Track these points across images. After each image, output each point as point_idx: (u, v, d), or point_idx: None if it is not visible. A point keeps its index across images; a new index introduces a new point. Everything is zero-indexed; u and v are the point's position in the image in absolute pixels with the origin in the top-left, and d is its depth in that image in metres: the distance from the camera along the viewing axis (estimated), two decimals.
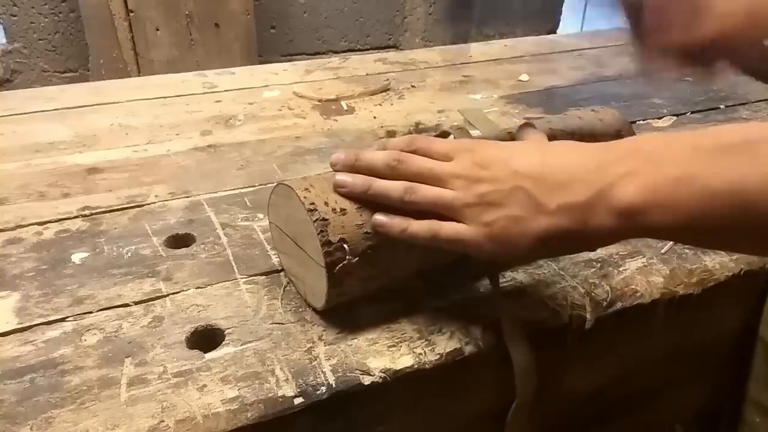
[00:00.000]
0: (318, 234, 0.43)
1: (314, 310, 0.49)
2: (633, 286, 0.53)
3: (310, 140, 0.79)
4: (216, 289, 0.51)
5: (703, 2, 0.51)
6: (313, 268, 0.46)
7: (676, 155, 0.36)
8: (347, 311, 0.49)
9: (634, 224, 0.37)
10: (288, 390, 0.42)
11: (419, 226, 0.44)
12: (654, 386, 0.64)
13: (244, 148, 0.77)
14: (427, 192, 0.43)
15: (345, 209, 0.45)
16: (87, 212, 0.62)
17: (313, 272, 0.46)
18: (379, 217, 0.45)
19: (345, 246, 0.44)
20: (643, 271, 0.55)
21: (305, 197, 0.45)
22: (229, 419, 0.40)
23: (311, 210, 0.44)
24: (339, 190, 0.46)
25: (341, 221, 0.44)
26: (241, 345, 0.45)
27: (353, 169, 0.46)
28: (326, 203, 0.45)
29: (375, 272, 0.47)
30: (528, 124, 0.51)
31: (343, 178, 0.45)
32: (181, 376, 0.42)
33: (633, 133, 0.58)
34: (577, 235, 0.39)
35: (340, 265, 0.44)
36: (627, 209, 0.36)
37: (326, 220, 0.44)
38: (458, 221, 0.42)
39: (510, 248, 0.41)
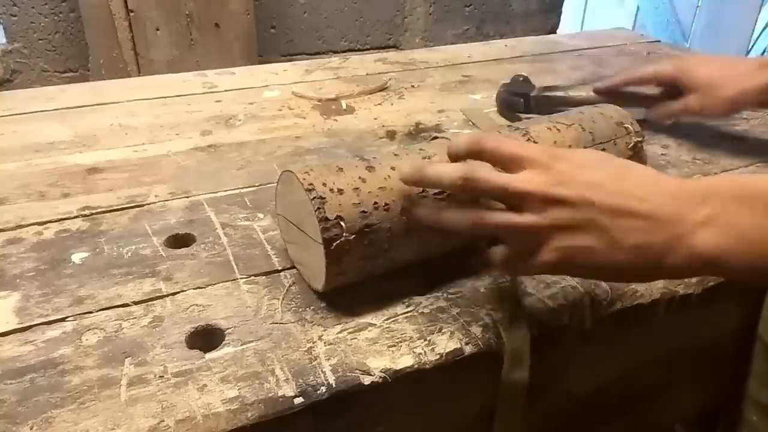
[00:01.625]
0: (315, 211, 0.45)
1: (317, 294, 0.50)
2: (633, 286, 0.53)
3: (310, 140, 0.79)
4: (216, 289, 0.51)
5: (713, 87, 0.70)
6: (313, 249, 0.47)
7: (750, 203, 0.37)
8: (347, 311, 0.49)
9: (708, 267, 0.39)
10: (288, 390, 0.42)
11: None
12: (654, 386, 0.64)
13: (244, 148, 0.77)
14: (497, 220, 0.41)
15: (342, 189, 0.46)
16: (87, 212, 0.62)
17: (314, 253, 0.47)
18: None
19: (342, 223, 0.45)
20: None
21: (304, 178, 0.47)
22: (229, 419, 0.40)
23: (309, 189, 0.46)
24: (408, 218, 0.47)
25: (338, 200, 0.46)
26: (241, 345, 0.45)
27: (421, 184, 0.46)
28: (324, 184, 0.46)
29: (373, 251, 0.48)
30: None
31: (415, 211, 0.46)
32: (181, 376, 0.42)
33: (636, 125, 0.59)
34: (649, 272, 0.40)
35: (338, 242, 0.45)
36: (705, 256, 0.38)
37: (323, 198, 0.46)
38: None
39: (577, 273, 0.43)
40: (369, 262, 0.48)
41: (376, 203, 0.47)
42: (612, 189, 0.39)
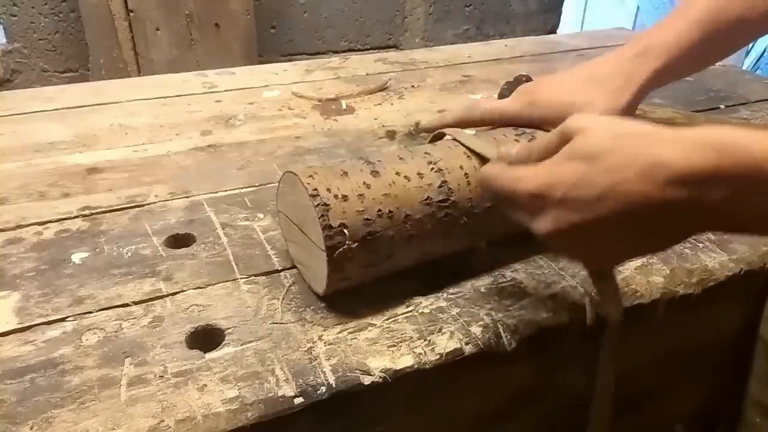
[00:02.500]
0: (319, 218, 0.45)
1: (317, 296, 0.50)
2: (633, 286, 0.53)
3: (310, 140, 0.79)
4: (216, 289, 0.51)
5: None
6: (315, 253, 0.47)
7: (758, 187, 0.36)
8: (347, 311, 0.49)
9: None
10: (288, 390, 0.42)
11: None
12: (654, 386, 0.64)
13: (244, 148, 0.77)
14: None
15: (347, 196, 0.46)
16: (87, 212, 0.62)
17: (316, 257, 0.47)
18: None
19: (345, 231, 0.45)
20: (643, 271, 0.55)
21: (308, 183, 0.46)
22: (229, 419, 0.40)
23: (313, 195, 0.45)
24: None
25: (342, 207, 0.45)
26: (241, 345, 0.45)
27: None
28: (329, 189, 0.46)
29: (375, 258, 0.48)
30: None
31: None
32: (181, 376, 0.42)
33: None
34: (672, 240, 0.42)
35: (341, 249, 0.45)
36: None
37: (327, 205, 0.45)
38: None
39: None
40: (371, 269, 0.48)
41: (380, 210, 0.47)
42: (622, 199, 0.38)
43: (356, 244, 0.46)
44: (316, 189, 0.46)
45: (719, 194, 0.36)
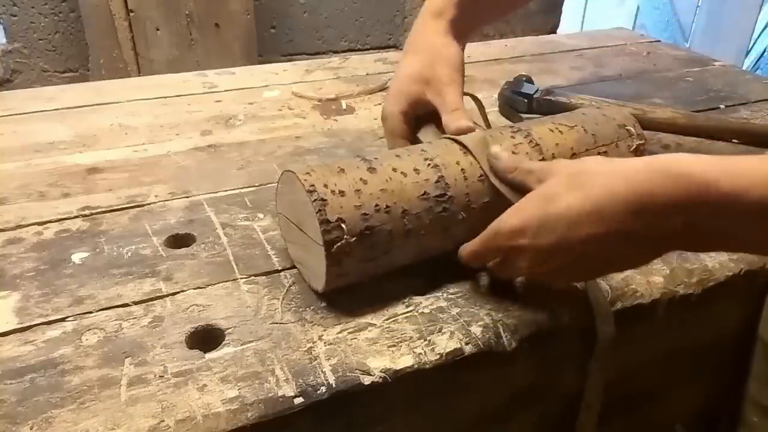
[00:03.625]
0: (317, 213, 0.45)
1: (318, 295, 0.50)
2: (633, 286, 0.53)
3: (310, 140, 0.79)
4: (216, 289, 0.51)
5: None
6: (314, 250, 0.47)
7: (716, 211, 0.39)
8: (347, 311, 0.49)
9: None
10: (288, 390, 0.42)
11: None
12: (654, 386, 0.64)
13: (244, 148, 0.77)
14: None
15: (344, 191, 0.46)
16: (87, 212, 0.62)
17: (315, 254, 0.47)
18: None
19: (343, 225, 0.45)
20: (643, 271, 0.55)
21: (305, 180, 0.46)
22: (229, 419, 0.40)
23: (311, 191, 0.46)
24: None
25: (339, 202, 0.46)
26: (241, 345, 0.45)
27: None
28: (326, 185, 0.46)
29: (373, 253, 0.48)
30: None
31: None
32: (181, 376, 0.42)
33: (638, 127, 0.59)
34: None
35: (339, 243, 0.45)
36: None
37: (325, 200, 0.45)
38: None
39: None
40: (369, 264, 0.48)
41: (377, 205, 0.47)
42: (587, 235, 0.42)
43: (354, 238, 0.46)
44: (313, 185, 0.46)
45: (676, 222, 0.39)
